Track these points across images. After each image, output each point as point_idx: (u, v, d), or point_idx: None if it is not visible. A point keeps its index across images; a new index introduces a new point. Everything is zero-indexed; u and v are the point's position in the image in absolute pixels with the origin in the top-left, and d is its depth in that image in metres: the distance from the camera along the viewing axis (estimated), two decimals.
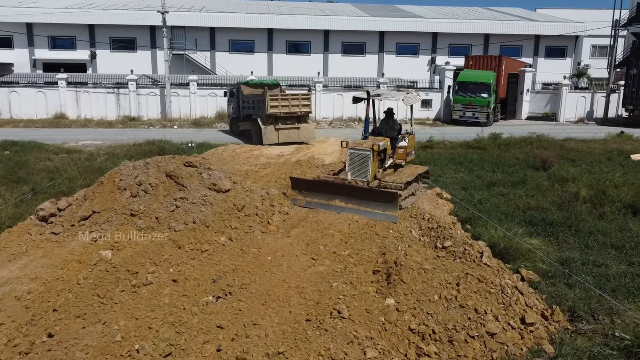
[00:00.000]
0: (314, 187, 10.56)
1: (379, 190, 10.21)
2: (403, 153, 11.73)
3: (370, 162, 10.56)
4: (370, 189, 10.24)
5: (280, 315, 5.84)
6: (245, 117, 24.39)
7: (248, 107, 24.30)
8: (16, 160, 16.16)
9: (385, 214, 9.60)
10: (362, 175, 10.65)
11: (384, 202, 9.75)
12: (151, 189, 8.93)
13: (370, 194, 9.99)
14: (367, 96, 11.75)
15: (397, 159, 11.76)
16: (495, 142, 21.78)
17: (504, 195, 12.66)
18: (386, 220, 9.41)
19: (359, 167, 10.72)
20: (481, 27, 43.35)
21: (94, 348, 4.95)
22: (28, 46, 40.03)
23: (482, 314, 6.07)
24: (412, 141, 12.25)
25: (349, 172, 10.79)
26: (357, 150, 10.80)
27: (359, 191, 10.12)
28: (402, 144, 11.74)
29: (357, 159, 10.76)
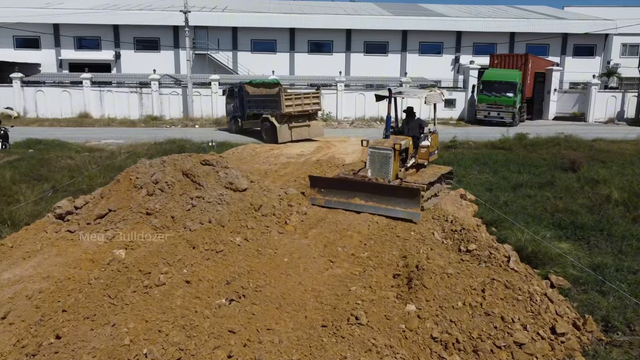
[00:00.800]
0: (333, 185, 10.28)
1: (399, 186, 9.93)
2: (425, 152, 11.44)
3: (392, 161, 10.32)
4: (391, 185, 9.96)
5: (295, 319, 5.59)
6: (251, 115, 24.75)
7: (255, 106, 24.45)
8: (38, 158, 16.30)
9: (406, 211, 9.29)
10: (382, 175, 10.41)
11: (405, 198, 9.41)
12: (167, 187, 8.80)
13: (391, 191, 9.70)
14: (389, 94, 11.46)
15: (419, 158, 11.47)
16: (521, 142, 21.22)
17: (530, 197, 12.21)
18: (407, 217, 9.15)
19: (379, 167, 10.48)
20: (506, 25, 42.44)
21: (101, 351, 4.77)
22: (54, 46, 40.70)
23: (509, 323, 5.72)
24: (434, 140, 11.93)
25: (370, 171, 10.55)
26: (378, 149, 10.53)
27: (379, 188, 9.82)
28: (425, 143, 11.44)
29: (378, 158, 10.51)
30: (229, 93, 26.84)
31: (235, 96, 25.86)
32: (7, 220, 9.35)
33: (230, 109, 26.80)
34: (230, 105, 26.73)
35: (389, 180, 10.27)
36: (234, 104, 26.06)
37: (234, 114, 26.36)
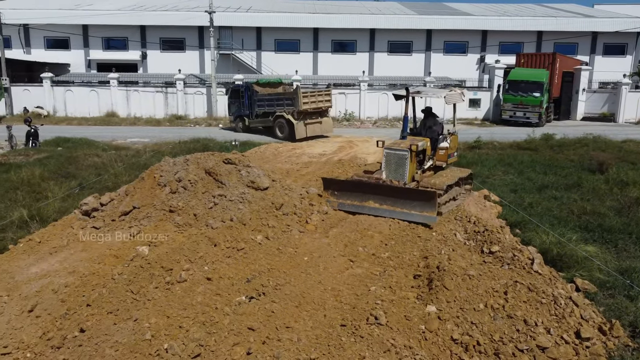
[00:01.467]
0: (347, 188, 10.05)
1: (415, 188, 9.68)
2: (444, 154, 11.06)
3: (408, 162, 10.05)
4: (407, 188, 9.70)
5: (314, 318, 5.60)
6: (261, 114, 25.12)
7: (267, 105, 24.77)
8: (67, 156, 16.67)
9: (422, 214, 9.05)
10: (398, 177, 10.15)
11: (421, 201, 9.14)
12: (190, 185, 8.90)
13: (406, 193, 9.44)
14: (406, 93, 11.07)
15: (438, 160, 11.10)
16: (548, 142, 20.80)
17: (556, 199, 11.96)
18: (423, 221, 8.91)
19: (395, 168, 10.22)
20: (533, 23, 41.65)
21: (123, 345, 4.86)
22: (83, 47, 41.59)
23: (532, 326, 5.62)
24: (454, 142, 11.53)
25: (385, 172, 10.31)
26: (394, 150, 10.25)
27: (394, 190, 9.58)
28: (443, 144, 11.07)
29: (394, 160, 10.23)
30: (232, 93, 26.95)
31: (240, 96, 26.07)
32: (36, 216, 9.60)
33: (234, 108, 26.91)
34: (234, 105, 26.84)
35: (405, 182, 10.02)
36: (239, 103, 26.22)
37: (239, 113, 26.50)
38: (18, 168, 14.01)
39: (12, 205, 10.75)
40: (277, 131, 24.14)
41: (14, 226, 9.30)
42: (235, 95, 26.61)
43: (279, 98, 24.41)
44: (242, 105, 26.07)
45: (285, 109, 23.46)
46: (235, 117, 27.00)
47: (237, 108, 26.62)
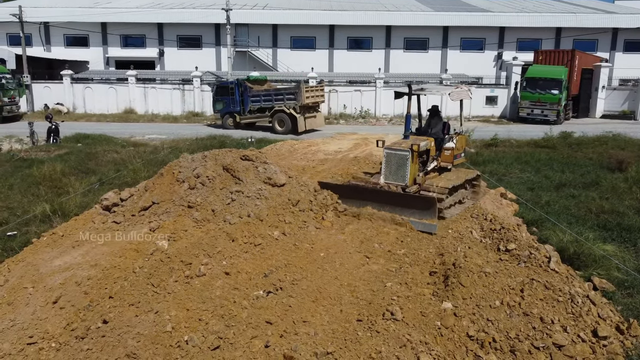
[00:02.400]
0: (344, 193, 9.67)
1: (413, 195, 9.20)
2: (449, 155, 10.56)
3: (409, 163, 9.51)
4: (405, 194, 9.22)
5: (330, 313, 5.67)
6: (255, 110, 25.80)
7: (263, 100, 25.47)
8: (86, 152, 16.99)
9: (421, 222, 8.60)
10: (399, 179, 9.61)
11: (420, 208, 8.70)
12: (208, 182, 9.02)
13: (405, 200, 8.98)
14: (408, 90, 10.48)
15: (443, 161, 10.62)
16: (566, 140, 20.57)
17: (574, 197, 11.86)
18: (423, 229, 8.48)
19: (395, 169, 9.69)
20: (552, 20, 41.09)
21: (145, 336, 4.99)
22: (102, 44, 42.16)
23: (548, 324, 5.62)
24: (461, 142, 11.03)
25: (385, 174, 9.82)
26: (394, 150, 9.72)
27: (393, 196, 9.13)
28: (449, 144, 10.57)
29: (394, 160, 9.70)
30: (218, 90, 27.03)
31: (230, 92, 26.21)
32: (58, 211, 9.83)
33: (221, 105, 26.88)
34: (221, 102, 26.83)
35: (406, 184, 9.55)
36: (229, 100, 26.32)
37: (228, 110, 26.57)
38: (40, 164, 14.31)
39: (35, 200, 11.01)
40: (277, 125, 25.08)
41: (37, 220, 9.55)
42: (223, 92, 26.67)
43: (279, 93, 25.43)
44: (233, 101, 26.18)
45: (286, 103, 24.62)
46: (223, 114, 26.97)
47: (225, 105, 26.63)
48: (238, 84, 26.17)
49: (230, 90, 26.23)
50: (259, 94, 25.86)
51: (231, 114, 26.63)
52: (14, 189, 12.00)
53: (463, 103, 11.34)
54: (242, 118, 26.34)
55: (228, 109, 26.61)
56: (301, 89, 24.36)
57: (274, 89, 26.46)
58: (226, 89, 26.54)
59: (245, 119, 26.34)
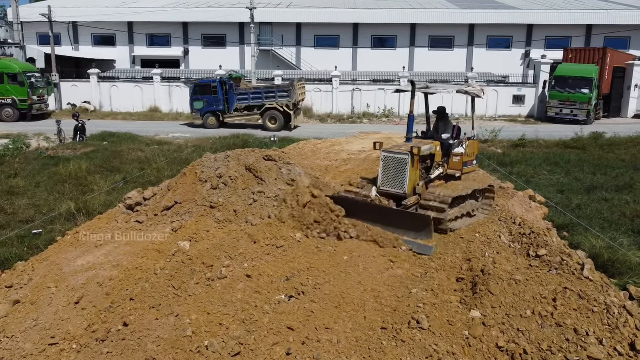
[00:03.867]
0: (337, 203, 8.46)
1: (406, 211, 8.23)
2: (458, 162, 9.52)
3: (408, 168, 8.50)
4: (397, 211, 8.26)
5: (354, 320, 5.51)
6: (242, 108, 25.96)
7: (252, 98, 25.74)
8: (112, 150, 17.15)
9: (415, 242, 7.72)
10: (397, 186, 8.65)
11: (415, 227, 7.84)
12: (230, 182, 8.95)
13: (398, 217, 8.02)
14: (412, 88, 9.44)
15: (451, 168, 9.62)
16: (597, 141, 19.96)
17: (607, 200, 11.45)
18: (418, 251, 7.58)
19: (393, 175, 8.70)
20: (583, 17, 40.01)
21: (165, 341, 4.91)
22: (128, 43, 42.73)
23: (582, 336, 5.35)
24: (472, 147, 9.91)
25: (382, 180, 8.87)
26: (392, 154, 8.75)
27: (384, 212, 8.17)
28: (458, 150, 9.57)
29: (392, 165, 8.72)
30: (198, 89, 26.42)
31: (212, 91, 25.84)
32: (82, 209, 9.90)
33: (201, 104, 26.24)
34: (202, 101, 26.21)
35: (405, 192, 8.57)
36: (211, 99, 25.87)
37: (209, 109, 26.08)
38: (66, 162, 14.50)
39: (60, 198, 11.13)
40: (268, 123, 25.52)
41: (62, 218, 9.63)
42: (203, 91, 26.17)
43: (270, 90, 25.80)
44: (216, 100, 25.81)
45: (278, 100, 25.18)
46: (204, 113, 26.32)
47: (207, 104, 26.13)
48: (222, 82, 25.87)
49: (213, 88, 25.80)
50: (247, 92, 25.93)
51: (214, 113, 26.14)
52: (41, 186, 12.15)
53: (475, 104, 10.43)
54: (228, 117, 26.13)
55: (210, 108, 26.05)
56: (295, 87, 24.98)
57: (265, 87, 26.95)
58: (207, 88, 26.04)
59: (231, 117, 26.14)
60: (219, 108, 26.03)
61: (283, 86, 26.05)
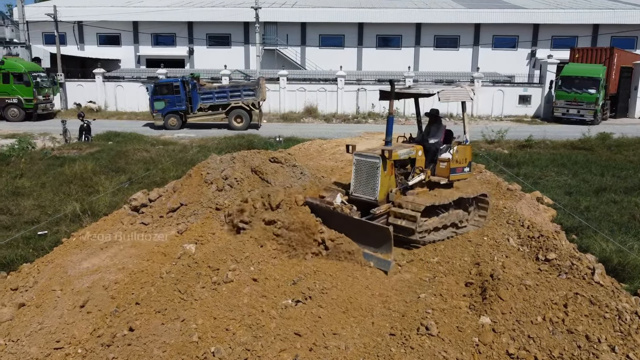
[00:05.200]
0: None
1: (366, 221, 7.54)
2: (445, 168, 8.70)
3: (379, 173, 7.87)
4: (358, 220, 7.58)
5: (361, 325, 5.44)
6: (206, 108, 25.75)
7: (216, 97, 25.57)
8: (117, 150, 17.13)
9: (375, 256, 7.12)
10: (368, 192, 8.05)
11: (374, 239, 7.21)
12: (236, 184, 8.89)
13: (360, 227, 7.40)
14: (390, 89, 8.63)
15: (438, 175, 8.82)
16: (604, 142, 19.80)
17: (615, 202, 11.34)
18: (377, 266, 7.02)
19: (365, 180, 8.12)
20: (589, 16, 39.77)
21: (170, 346, 4.85)
22: (133, 43, 42.77)
23: (594, 342, 5.27)
24: (463, 153, 8.91)
25: (354, 185, 8.28)
26: (364, 157, 8.16)
27: (347, 221, 7.54)
28: (445, 155, 8.76)
29: (364, 169, 8.11)
30: (158, 89, 25.78)
31: (173, 91, 25.32)
32: (88, 210, 9.87)
33: (163, 104, 25.39)
34: (162, 101, 25.37)
35: (375, 198, 7.94)
36: (172, 99, 25.29)
37: (171, 109, 25.43)
38: (72, 162, 14.48)
39: (66, 198, 11.11)
40: (234, 122, 25.61)
41: (67, 220, 9.60)
42: (164, 91, 25.54)
43: (236, 89, 25.82)
44: (178, 100, 25.30)
45: (244, 99, 25.28)
46: (165, 113, 25.52)
47: (168, 104, 25.35)
48: (184, 82, 25.44)
49: (175, 88, 25.28)
50: (212, 91, 25.69)
51: (176, 113, 25.64)
52: (46, 187, 12.14)
53: (465, 106, 9.48)
54: (192, 116, 25.83)
55: (171, 108, 25.39)
56: (261, 85, 25.30)
57: (231, 86, 27.02)
58: (169, 87, 25.46)
59: (195, 117, 25.83)
60: (181, 108, 25.51)
61: (249, 85, 26.37)
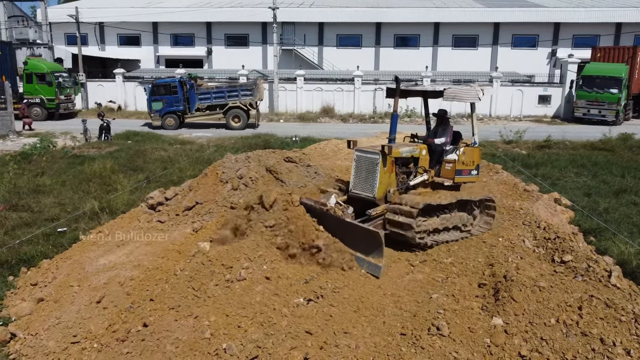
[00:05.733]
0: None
1: (358, 225, 7.31)
2: (450, 170, 8.53)
3: (379, 169, 7.70)
4: (349, 223, 7.35)
5: (372, 324, 5.45)
6: (204, 108, 26.00)
7: (214, 97, 25.91)
8: (135, 150, 17.40)
9: (366, 260, 6.92)
10: (367, 189, 7.88)
11: (366, 243, 6.99)
12: (251, 183, 8.99)
13: (351, 229, 7.21)
14: (396, 86, 8.50)
15: (442, 176, 8.67)
16: (626, 143, 19.47)
17: (636, 204, 11.16)
18: (367, 270, 6.85)
19: (365, 177, 7.94)
20: (612, 14, 39.05)
21: (183, 342, 4.93)
22: (153, 43, 43.34)
23: (609, 346, 5.19)
24: (470, 155, 8.71)
25: (354, 182, 8.11)
26: (364, 153, 8.00)
27: (339, 223, 7.34)
28: (451, 156, 8.61)
29: (364, 165, 7.95)
30: (155, 89, 25.92)
31: (171, 91, 25.51)
32: (106, 208, 10.05)
33: (161, 105, 25.65)
34: (160, 102, 25.65)
35: (374, 196, 7.76)
36: (170, 99, 25.49)
37: (169, 109, 25.64)
38: (91, 161, 14.75)
39: (85, 196, 11.33)
40: (232, 122, 25.90)
41: (86, 217, 9.79)
42: (162, 92, 25.74)
43: (233, 89, 26.11)
44: (176, 100, 25.49)
45: (241, 99, 25.62)
46: (163, 114, 25.68)
47: (166, 104, 25.58)
48: (181, 82, 25.63)
49: (172, 89, 25.50)
50: (210, 92, 26.01)
51: (174, 114, 25.79)
52: (66, 185, 12.39)
53: (474, 107, 9.11)
54: (189, 117, 26.06)
55: (169, 109, 25.59)
56: (258, 85, 25.68)
57: (228, 86, 27.28)
58: (167, 88, 25.69)
59: (193, 117, 26.06)
60: (179, 108, 25.73)
61: (246, 85, 26.70)
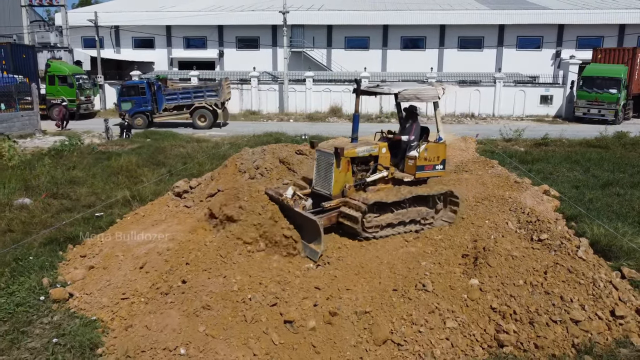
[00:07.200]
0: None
1: (300, 213, 7.83)
2: (412, 166, 8.85)
3: (333, 169, 8.11)
4: (298, 213, 7.84)
5: (370, 284, 6.56)
6: (171, 108, 26.95)
7: (181, 98, 26.92)
8: (156, 147, 18.62)
9: (308, 246, 7.50)
10: (325, 187, 8.33)
11: (310, 231, 7.52)
12: (266, 172, 10.13)
13: (301, 219, 7.72)
14: (356, 86, 8.82)
15: (406, 172, 9.00)
16: (620, 140, 20.26)
17: (619, 195, 11.98)
18: (308, 255, 7.43)
19: (324, 175, 8.38)
20: (615, 17, 39.80)
21: (216, 294, 6.08)
22: (166, 46, 44.76)
23: (567, 302, 6.24)
24: (435, 151, 8.99)
25: (315, 179, 8.61)
26: (322, 153, 8.43)
27: (292, 212, 7.88)
28: (412, 153, 8.91)
29: (322, 164, 8.40)
30: (124, 90, 27.08)
31: (139, 92, 26.50)
32: (137, 196, 11.23)
33: (130, 105, 26.38)
34: (129, 102, 26.46)
35: (330, 193, 8.20)
36: (139, 100, 26.44)
37: (137, 109, 26.48)
38: (117, 156, 15.98)
39: (115, 187, 12.52)
40: (198, 121, 26.91)
41: (119, 204, 10.97)
42: (130, 92, 26.74)
43: (199, 90, 27.11)
44: (144, 101, 26.45)
45: (207, 100, 26.61)
46: (132, 113, 26.19)
47: (134, 104, 26.43)
48: (149, 84, 26.77)
49: (141, 89, 26.58)
50: (176, 92, 27.14)
51: (142, 113, 26.75)
52: (97, 177, 13.59)
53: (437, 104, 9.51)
54: (157, 116, 27.12)
55: (138, 109, 26.50)
56: (223, 86, 26.84)
57: (194, 87, 28.39)
58: (135, 89, 26.81)
59: (160, 117, 27.14)
60: (147, 108, 26.77)
61: (211, 86, 27.77)
